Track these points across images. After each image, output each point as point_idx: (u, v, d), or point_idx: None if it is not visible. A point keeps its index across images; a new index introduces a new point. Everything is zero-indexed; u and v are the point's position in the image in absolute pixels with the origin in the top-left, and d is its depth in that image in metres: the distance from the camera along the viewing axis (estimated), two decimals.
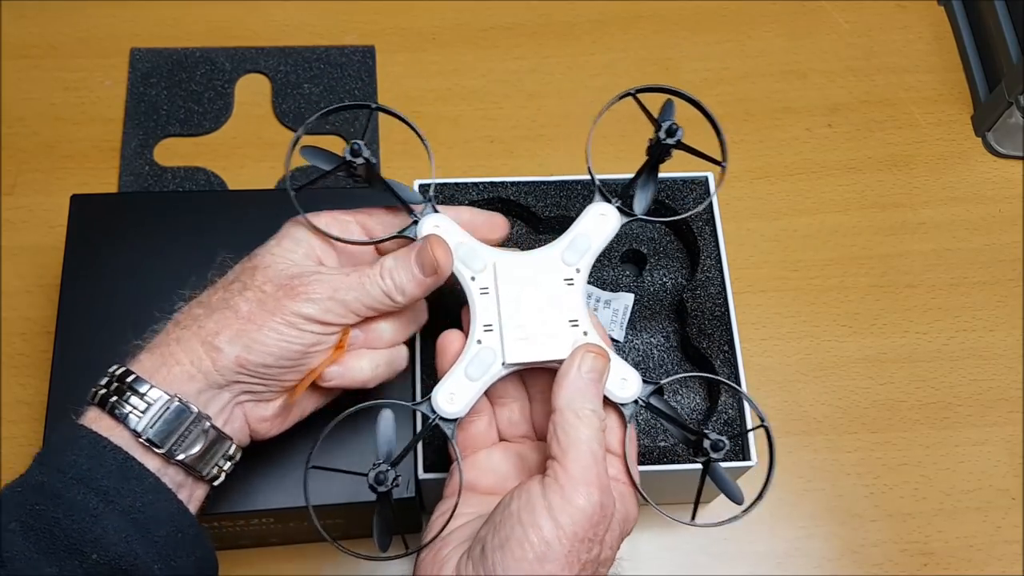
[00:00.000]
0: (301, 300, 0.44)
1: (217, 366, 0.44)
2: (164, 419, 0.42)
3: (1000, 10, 0.74)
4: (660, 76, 0.78)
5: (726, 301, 0.58)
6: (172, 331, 0.45)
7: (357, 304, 0.46)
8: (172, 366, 0.43)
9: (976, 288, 0.70)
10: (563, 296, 0.47)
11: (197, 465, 0.44)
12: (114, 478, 0.41)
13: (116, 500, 0.40)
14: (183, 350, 0.44)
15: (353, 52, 0.77)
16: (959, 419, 0.66)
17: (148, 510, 0.41)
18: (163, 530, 0.41)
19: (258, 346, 0.44)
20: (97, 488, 0.40)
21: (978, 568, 0.62)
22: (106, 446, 0.41)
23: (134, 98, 0.75)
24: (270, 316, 0.44)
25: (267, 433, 0.48)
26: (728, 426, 0.55)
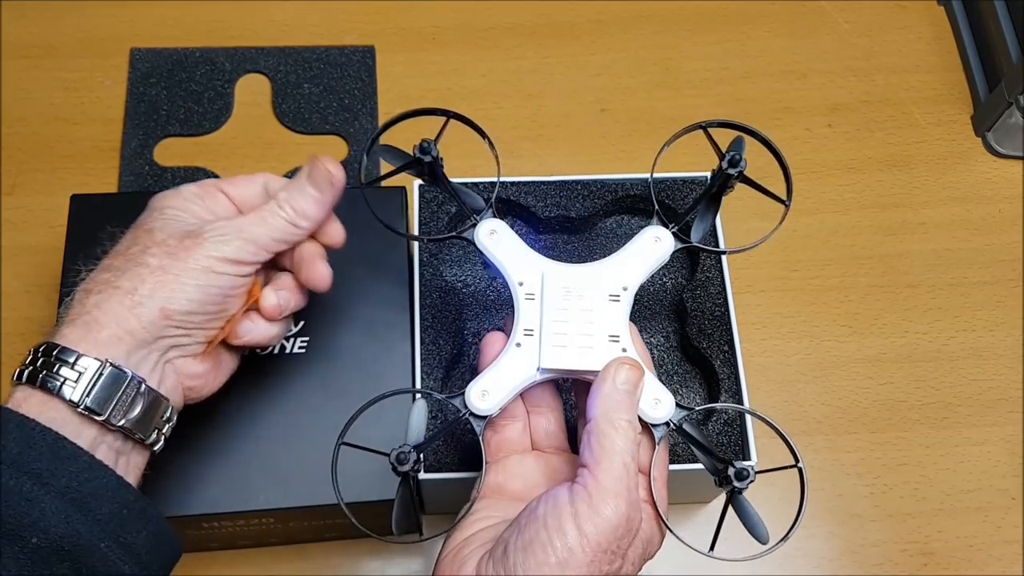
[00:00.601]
0: (212, 243, 0.45)
1: (143, 322, 0.44)
2: (101, 385, 0.42)
3: (1000, 10, 0.74)
4: (660, 76, 0.78)
5: (726, 301, 0.58)
6: (87, 299, 0.44)
7: (266, 239, 0.47)
8: (97, 332, 0.43)
9: (976, 288, 0.70)
10: (606, 311, 0.47)
11: (138, 430, 0.43)
12: (46, 459, 0.40)
13: (51, 481, 0.40)
14: (104, 313, 0.43)
15: (353, 52, 0.77)
16: (959, 419, 0.66)
17: (86, 488, 0.40)
18: (105, 507, 0.41)
19: (179, 294, 0.44)
20: (30, 471, 0.40)
21: (978, 568, 0.62)
22: (34, 427, 0.41)
23: (134, 98, 0.75)
24: (184, 264, 0.45)
25: (200, 391, 0.48)
26: (728, 426, 0.55)
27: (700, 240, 0.50)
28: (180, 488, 0.51)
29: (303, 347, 0.55)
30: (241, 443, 0.53)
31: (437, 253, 0.59)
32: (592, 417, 0.43)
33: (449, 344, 0.56)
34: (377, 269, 0.58)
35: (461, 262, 0.61)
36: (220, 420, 0.53)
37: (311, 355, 0.55)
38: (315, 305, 0.56)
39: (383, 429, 0.51)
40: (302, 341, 0.56)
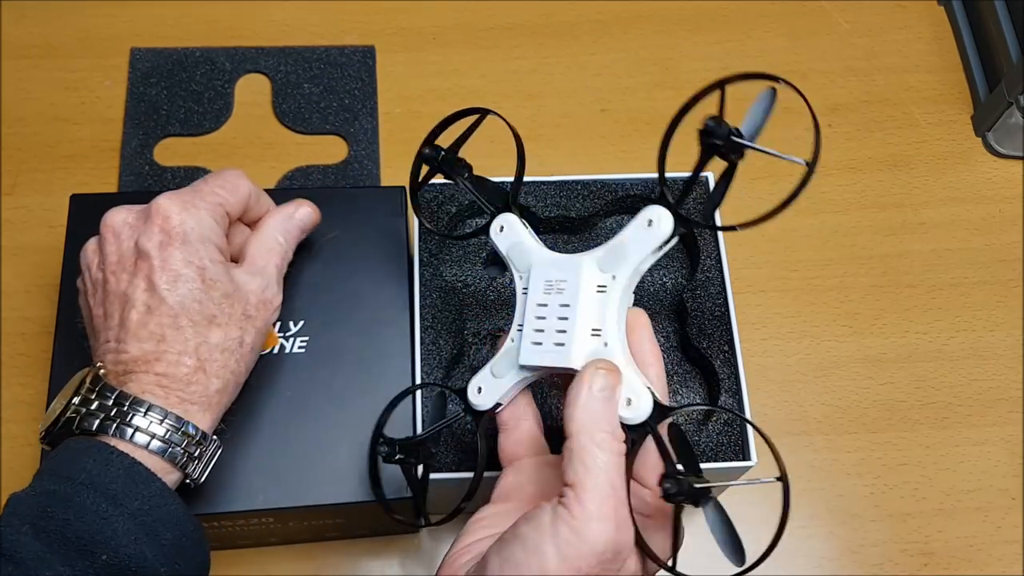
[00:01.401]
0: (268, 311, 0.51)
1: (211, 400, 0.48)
2: (209, 455, 0.47)
3: (1000, 10, 0.74)
4: (660, 76, 0.78)
5: (726, 301, 0.58)
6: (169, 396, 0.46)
7: (272, 289, 0.51)
8: (188, 407, 0.46)
9: (976, 288, 0.70)
10: (590, 303, 0.44)
11: (198, 476, 0.47)
12: (122, 482, 0.42)
13: (124, 503, 0.41)
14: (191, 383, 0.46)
15: (353, 52, 0.77)
16: (959, 419, 0.66)
17: (155, 513, 0.42)
18: (170, 534, 0.42)
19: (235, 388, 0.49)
20: (106, 492, 0.41)
21: (978, 568, 0.62)
22: (113, 452, 0.43)
23: (134, 98, 0.75)
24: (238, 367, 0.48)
25: None
26: (728, 426, 0.55)
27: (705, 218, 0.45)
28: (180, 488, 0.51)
29: (303, 347, 0.55)
30: (241, 443, 0.52)
31: (437, 253, 0.59)
32: (571, 433, 0.40)
33: (449, 344, 0.56)
34: (377, 269, 0.58)
35: (461, 262, 0.61)
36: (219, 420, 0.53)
37: (311, 355, 0.55)
38: (315, 305, 0.56)
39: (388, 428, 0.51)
40: (302, 341, 0.55)
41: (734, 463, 0.54)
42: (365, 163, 0.72)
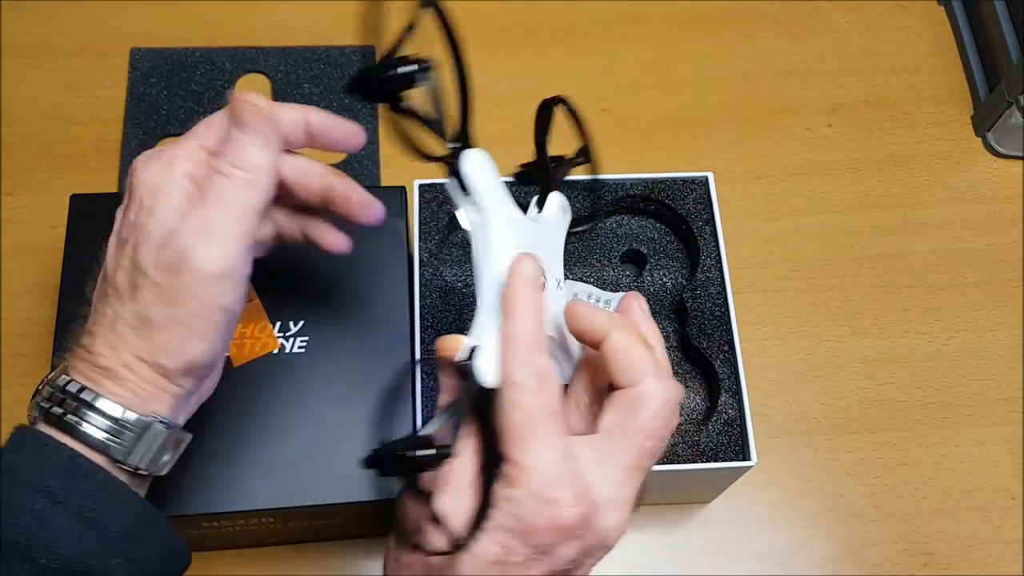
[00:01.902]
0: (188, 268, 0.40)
1: (171, 378, 0.41)
2: (155, 448, 0.41)
3: (1000, 10, 0.74)
4: (660, 76, 0.78)
5: (726, 301, 0.58)
6: (113, 355, 0.41)
7: (233, 223, 0.41)
8: (134, 389, 0.41)
9: (976, 288, 0.70)
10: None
11: (157, 470, 0.42)
12: (60, 478, 0.39)
13: (65, 500, 0.38)
14: (137, 374, 0.41)
15: (353, 52, 0.77)
16: (959, 419, 0.66)
17: (101, 506, 0.39)
18: (119, 525, 0.39)
19: (192, 344, 0.41)
20: (43, 489, 0.38)
21: (978, 568, 0.62)
22: (48, 443, 0.39)
23: (134, 98, 0.75)
24: (179, 307, 0.40)
25: (208, 394, 0.47)
26: (728, 426, 0.55)
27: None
28: (180, 488, 0.51)
29: (303, 347, 0.55)
30: (241, 443, 0.52)
31: (437, 253, 0.59)
32: None
33: None
34: (377, 269, 0.58)
35: (461, 262, 0.61)
36: (220, 420, 0.53)
37: (311, 355, 0.55)
38: (315, 305, 0.56)
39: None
40: (302, 341, 0.55)
41: (734, 463, 0.54)
42: (365, 163, 0.72)
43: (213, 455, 0.52)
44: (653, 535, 0.62)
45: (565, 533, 0.37)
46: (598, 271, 0.60)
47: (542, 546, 0.36)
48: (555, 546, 0.37)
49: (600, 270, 0.60)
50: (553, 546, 0.37)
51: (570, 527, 0.37)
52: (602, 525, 0.38)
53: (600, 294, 0.59)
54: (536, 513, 0.36)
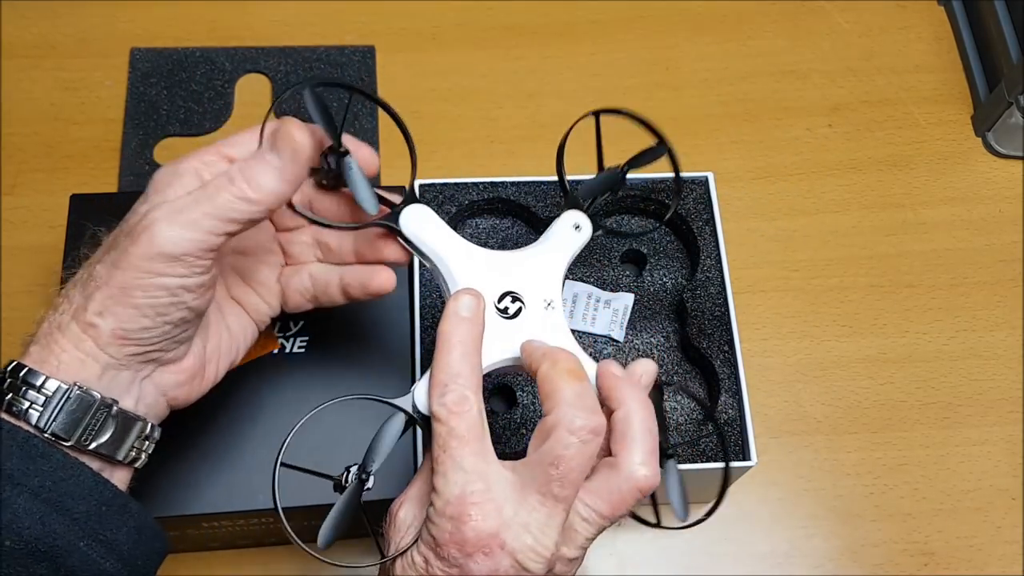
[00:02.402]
0: (143, 240, 0.39)
1: (100, 344, 0.40)
2: (66, 410, 0.39)
3: (1000, 10, 0.74)
4: (660, 76, 0.78)
5: (726, 301, 0.58)
6: (52, 317, 0.41)
7: (209, 220, 0.40)
8: (59, 354, 0.40)
9: (976, 288, 0.70)
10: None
11: (112, 452, 0.41)
12: (17, 459, 0.38)
13: (23, 481, 0.38)
14: (65, 336, 0.40)
15: (353, 52, 0.78)
16: (959, 419, 0.66)
17: (61, 487, 0.39)
18: (82, 505, 0.39)
19: (127, 311, 0.40)
20: (0, 472, 0.38)
21: (978, 568, 0.62)
22: (3, 426, 0.39)
23: (134, 98, 0.75)
24: (124, 273, 0.40)
25: (187, 399, 0.45)
26: (728, 426, 0.55)
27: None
28: (180, 488, 0.51)
29: (303, 347, 0.55)
30: (241, 443, 0.52)
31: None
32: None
33: None
34: None
35: None
36: (220, 420, 0.53)
37: (311, 355, 0.55)
38: None
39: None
40: (302, 341, 0.55)
41: (734, 463, 0.54)
42: None
43: (213, 455, 0.52)
44: (653, 535, 0.62)
45: (468, 548, 0.39)
46: (598, 271, 0.60)
47: (453, 559, 0.39)
48: (465, 561, 0.39)
49: (600, 270, 0.60)
50: (462, 561, 0.39)
51: (471, 541, 0.39)
52: (513, 545, 0.39)
53: (600, 294, 0.59)
54: (441, 528, 0.39)
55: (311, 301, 0.49)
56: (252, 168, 0.41)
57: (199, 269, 0.41)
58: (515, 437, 0.55)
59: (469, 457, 0.40)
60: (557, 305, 0.47)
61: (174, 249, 0.40)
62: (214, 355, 0.46)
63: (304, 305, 0.49)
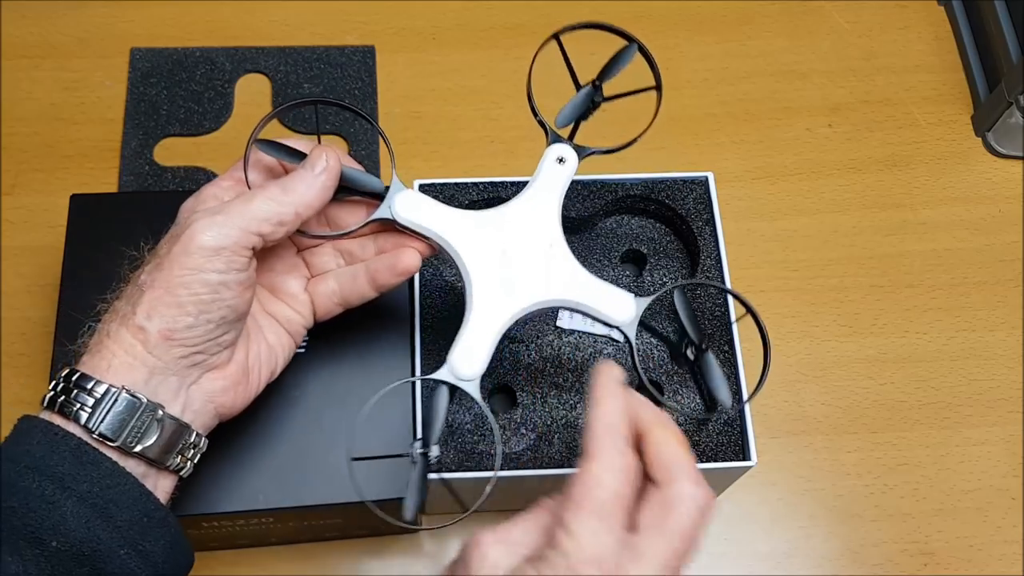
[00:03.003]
0: (185, 239, 0.43)
1: (148, 347, 0.42)
2: (114, 412, 0.41)
3: (1000, 10, 0.74)
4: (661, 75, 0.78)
5: (726, 301, 0.58)
6: (102, 328, 0.44)
7: (245, 219, 0.44)
8: (110, 359, 0.42)
9: (976, 288, 0.70)
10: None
11: (158, 457, 0.43)
12: (69, 463, 0.40)
13: (73, 486, 0.40)
14: (115, 341, 0.43)
15: (353, 52, 0.78)
16: (959, 419, 0.66)
17: (108, 494, 0.40)
18: (126, 514, 0.41)
19: (172, 309, 0.42)
20: (52, 475, 0.40)
21: (978, 568, 0.62)
22: (58, 432, 0.41)
23: (134, 98, 0.75)
24: (170, 273, 0.43)
25: (232, 407, 0.47)
26: (728, 426, 0.55)
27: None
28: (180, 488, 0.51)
29: (303, 347, 0.55)
30: (241, 443, 0.52)
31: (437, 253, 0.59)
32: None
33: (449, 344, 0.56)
34: None
35: None
36: None
37: (311, 355, 0.55)
38: None
39: (385, 426, 0.51)
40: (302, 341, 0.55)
41: (734, 463, 0.54)
42: (365, 163, 0.72)
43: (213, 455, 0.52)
44: None
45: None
46: (598, 271, 0.60)
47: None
48: None
49: (600, 270, 0.60)
50: None
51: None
52: None
53: None
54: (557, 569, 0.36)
55: (341, 304, 0.51)
56: (289, 180, 0.46)
57: (236, 265, 0.44)
58: (515, 437, 0.55)
59: (619, 524, 0.38)
60: (559, 243, 0.49)
61: (212, 243, 0.43)
62: (255, 364, 0.48)
63: (334, 310, 0.51)
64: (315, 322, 0.52)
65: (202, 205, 0.47)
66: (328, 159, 0.47)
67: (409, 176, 0.59)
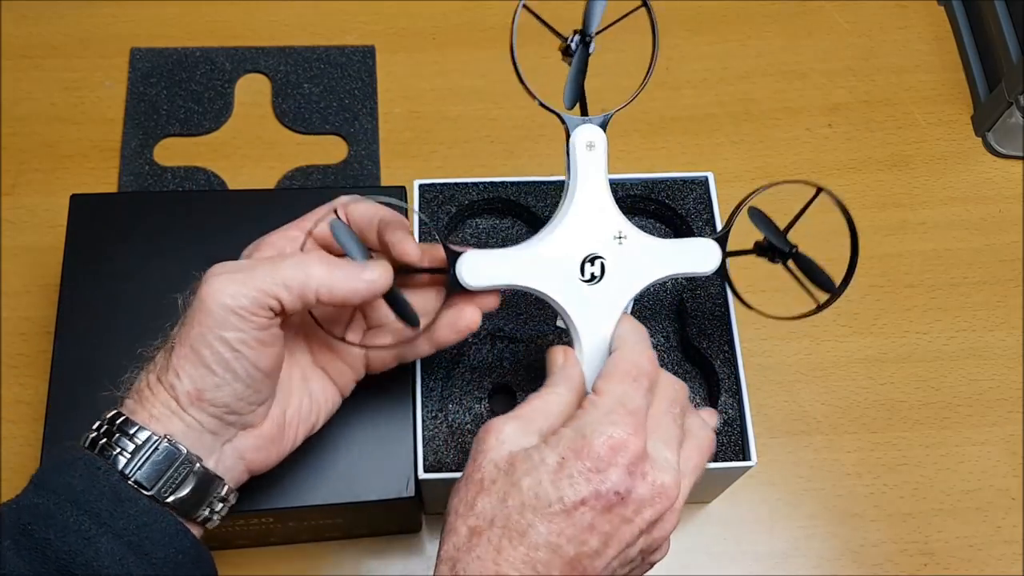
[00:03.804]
0: (205, 293, 0.41)
1: (182, 404, 0.42)
2: (152, 460, 0.41)
3: (1000, 10, 0.74)
4: (660, 76, 0.78)
5: (726, 301, 0.58)
6: (145, 376, 0.43)
7: (265, 282, 0.41)
8: (151, 409, 0.42)
9: (976, 288, 0.70)
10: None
11: (187, 508, 0.42)
12: (107, 500, 0.40)
13: (109, 522, 0.40)
14: (154, 394, 0.42)
15: (353, 52, 0.78)
16: (959, 419, 0.66)
17: (144, 531, 0.40)
18: (161, 552, 0.41)
19: (199, 370, 0.42)
20: (90, 510, 0.40)
21: (978, 568, 0.62)
22: (100, 467, 0.41)
23: (134, 98, 0.75)
24: (190, 331, 0.42)
25: (265, 464, 0.46)
26: (728, 426, 0.55)
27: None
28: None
29: None
30: None
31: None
32: None
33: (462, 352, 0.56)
34: None
35: None
36: None
37: None
38: None
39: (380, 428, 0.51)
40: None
41: (734, 463, 0.54)
42: (365, 163, 0.72)
43: None
44: None
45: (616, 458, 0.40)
46: None
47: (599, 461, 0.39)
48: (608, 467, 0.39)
49: None
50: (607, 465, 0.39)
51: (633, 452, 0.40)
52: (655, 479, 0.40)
53: None
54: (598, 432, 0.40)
55: (396, 358, 0.49)
56: (333, 262, 0.43)
57: (255, 324, 0.42)
58: None
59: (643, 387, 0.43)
60: (626, 229, 0.47)
61: (231, 302, 0.41)
62: (294, 420, 0.47)
63: (389, 363, 0.49)
64: (367, 375, 0.49)
65: (257, 252, 0.46)
66: (380, 276, 0.43)
67: (409, 176, 0.59)
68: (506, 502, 0.39)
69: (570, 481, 0.39)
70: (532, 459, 0.40)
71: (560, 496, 0.39)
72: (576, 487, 0.39)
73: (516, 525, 0.39)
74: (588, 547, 0.39)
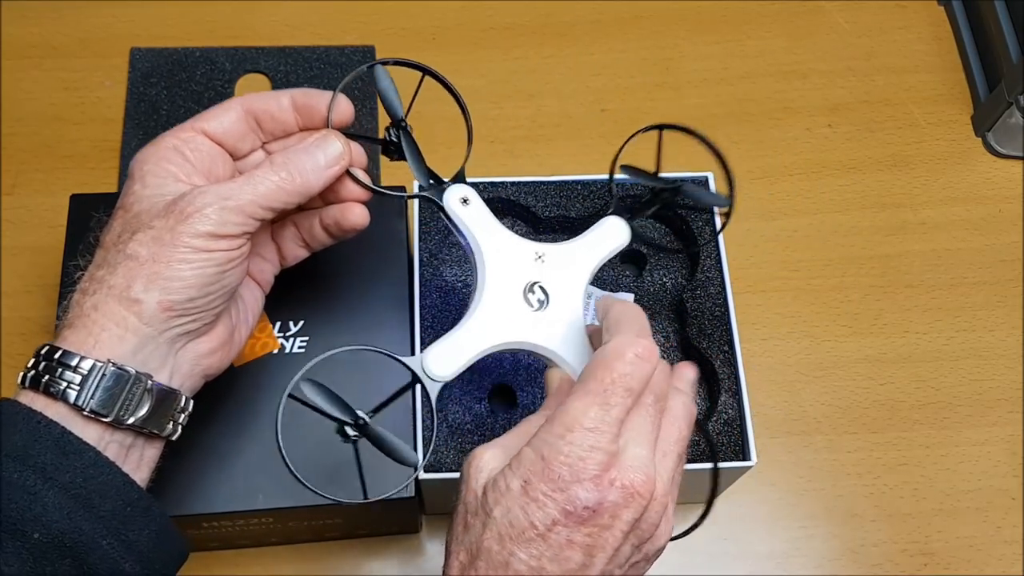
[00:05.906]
0: (194, 220, 0.43)
1: (144, 319, 0.42)
2: (103, 387, 0.41)
3: (1000, 10, 0.74)
4: (660, 76, 0.78)
5: (726, 301, 0.58)
6: (84, 300, 0.43)
7: (252, 206, 0.44)
8: (98, 333, 0.42)
9: (976, 288, 0.70)
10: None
11: (149, 426, 0.43)
12: (51, 453, 0.40)
13: (55, 476, 0.39)
14: (102, 315, 0.42)
15: (353, 52, 0.78)
16: (959, 419, 0.66)
17: (90, 484, 0.40)
18: (108, 504, 0.40)
19: (175, 283, 0.42)
20: (34, 465, 0.39)
21: (978, 568, 0.62)
22: (40, 421, 0.40)
23: (134, 98, 0.75)
24: (173, 249, 0.42)
25: (219, 367, 0.47)
26: (728, 426, 0.55)
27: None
28: (180, 488, 0.51)
29: (303, 347, 0.55)
30: (241, 443, 0.53)
31: (437, 253, 0.59)
32: None
33: None
34: (377, 269, 0.58)
35: (461, 262, 0.61)
36: (220, 420, 0.53)
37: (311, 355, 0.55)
38: (315, 305, 0.56)
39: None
40: (302, 341, 0.56)
41: (734, 463, 0.54)
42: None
43: (213, 455, 0.52)
44: None
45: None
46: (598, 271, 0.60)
47: (560, 480, 0.39)
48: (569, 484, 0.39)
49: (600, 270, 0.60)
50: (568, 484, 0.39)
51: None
52: (624, 481, 0.39)
53: (600, 294, 0.59)
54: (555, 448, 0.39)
55: (304, 247, 0.51)
56: (297, 160, 0.46)
57: (238, 244, 0.44)
58: None
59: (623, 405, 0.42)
60: (542, 248, 0.49)
61: (220, 230, 0.43)
62: (239, 322, 0.49)
63: (300, 253, 0.52)
64: (282, 268, 0.52)
65: (164, 163, 0.46)
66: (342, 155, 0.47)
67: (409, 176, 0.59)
68: (484, 535, 0.39)
69: (538, 504, 0.38)
70: (499, 487, 0.39)
71: (531, 522, 0.38)
72: (545, 509, 0.38)
73: (498, 557, 0.38)
74: (573, 562, 0.38)
